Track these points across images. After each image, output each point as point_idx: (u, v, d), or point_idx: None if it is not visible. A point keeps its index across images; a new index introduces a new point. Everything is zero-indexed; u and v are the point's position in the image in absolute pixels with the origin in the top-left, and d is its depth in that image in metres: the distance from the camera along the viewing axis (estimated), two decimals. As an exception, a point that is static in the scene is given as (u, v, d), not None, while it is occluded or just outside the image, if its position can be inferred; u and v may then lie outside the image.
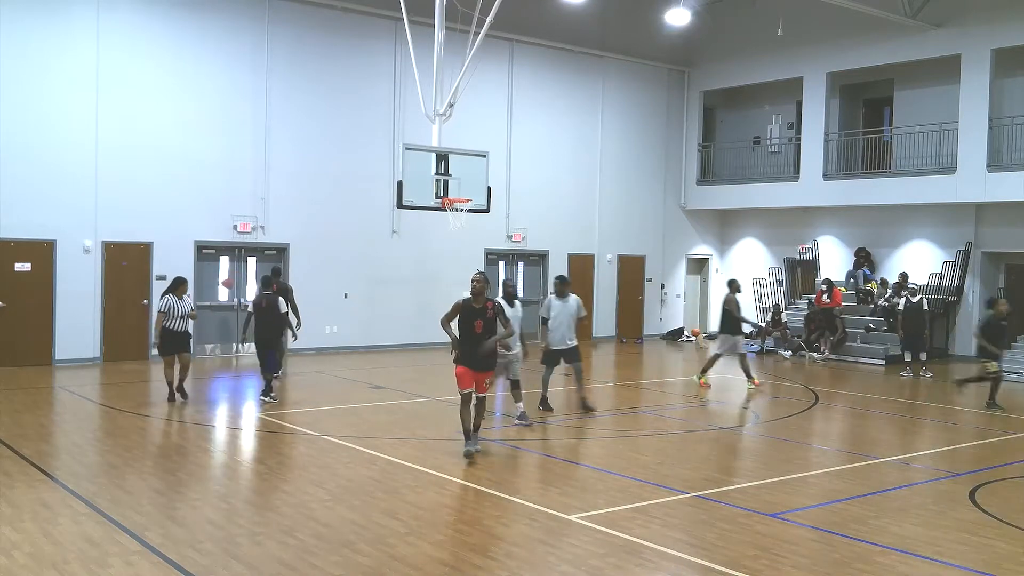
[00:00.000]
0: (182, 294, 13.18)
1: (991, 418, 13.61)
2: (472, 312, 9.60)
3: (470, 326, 9.54)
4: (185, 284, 13.37)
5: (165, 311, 13.03)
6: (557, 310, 12.59)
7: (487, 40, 15.92)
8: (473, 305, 9.63)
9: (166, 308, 13.04)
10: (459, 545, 6.93)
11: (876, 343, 20.73)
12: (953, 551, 7.06)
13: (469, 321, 9.55)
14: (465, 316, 9.59)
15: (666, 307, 25.60)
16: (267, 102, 18.80)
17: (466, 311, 9.62)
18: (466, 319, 9.57)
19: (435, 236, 19.86)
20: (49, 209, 16.54)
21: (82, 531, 7.06)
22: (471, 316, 9.57)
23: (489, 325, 9.59)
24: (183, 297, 13.19)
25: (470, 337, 9.55)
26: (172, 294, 13.11)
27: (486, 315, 9.60)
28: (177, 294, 13.12)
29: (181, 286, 13.21)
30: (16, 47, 16.21)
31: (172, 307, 13.05)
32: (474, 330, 9.53)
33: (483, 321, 9.55)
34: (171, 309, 13.04)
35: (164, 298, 13.18)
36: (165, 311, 13.03)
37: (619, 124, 24.27)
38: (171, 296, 13.10)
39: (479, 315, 9.59)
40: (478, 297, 9.67)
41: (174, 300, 13.05)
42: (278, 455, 10.13)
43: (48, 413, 12.59)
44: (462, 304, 9.66)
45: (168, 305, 13.06)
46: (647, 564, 6.64)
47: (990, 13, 19.50)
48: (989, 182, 19.44)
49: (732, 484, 9.05)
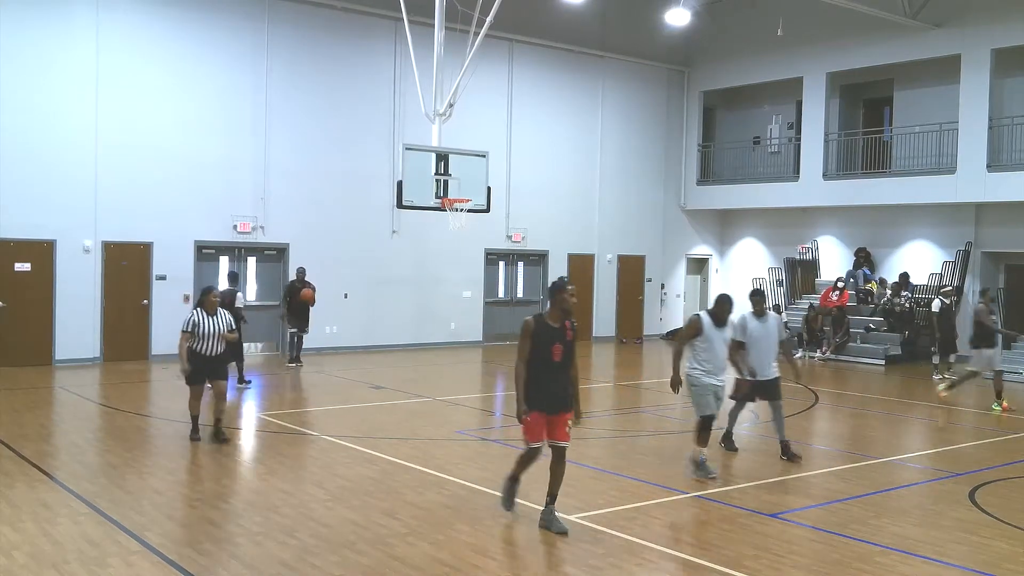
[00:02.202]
0: (212, 308, 10.51)
1: (991, 418, 13.61)
2: (549, 334, 7.32)
3: (546, 353, 7.31)
4: (212, 295, 10.63)
5: (189, 331, 10.39)
6: (756, 332, 10.10)
7: (487, 40, 15.94)
8: (550, 325, 7.36)
9: (190, 327, 10.39)
10: (459, 545, 6.92)
11: (876, 343, 20.73)
12: (953, 551, 7.06)
13: (545, 347, 7.30)
14: (540, 341, 7.30)
15: (666, 307, 25.60)
16: (267, 102, 18.80)
17: (541, 334, 7.31)
18: (541, 344, 7.30)
19: (435, 236, 19.87)
20: (49, 209, 16.53)
21: (82, 531, 7.06)
22: (548, 339, 7.31)
23: (569, 351, 7.41)
24: (216, 312, 10.53)
25: (546, 368, 7.32)
26: (200, 308, 10.55)
27: (565, 337, 7.39)
28: (206, 309, 10.48)
29: (208, 298, 10.55)
30: (16, 47, 16.21)
31: (198, 327, 10.39)
32: (551, 358, 7.31)
33: (563, 345, 7.36)
34: (197, 329, 10.38)
35: (189, 316, 10.60)
36: (189, 331, 10.39)
37: (619, 124, 24.27)
38: (198, 312, 10.51)
39: (558, 338, 7.34)
40: (562, 315, 7.42)
41: (201, 317, 10.43)
42: (278, 455, 10.13)
43: (48, 413, 12.59)
44: (534, 325, 7.34)
45: (192, 324, 10.40)
46: (647, 564, 6.65)
47: (990, 13, 19.49)
48: (989, 182, 19.44)
49: (732, 484, 9.05)
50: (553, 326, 7.34)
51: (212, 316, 10.42)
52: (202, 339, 10.35)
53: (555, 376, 7.33)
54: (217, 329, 10.41)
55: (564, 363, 7.37)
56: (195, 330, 10.35)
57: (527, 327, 7.34)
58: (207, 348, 10.40)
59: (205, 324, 10.38)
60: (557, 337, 7.32)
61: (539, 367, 7.30)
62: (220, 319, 10.48)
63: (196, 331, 10.34)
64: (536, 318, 7.39)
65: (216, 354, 10.47)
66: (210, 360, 10.46)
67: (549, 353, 7.29)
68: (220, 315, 10.50)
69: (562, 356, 7.34)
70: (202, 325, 10.36)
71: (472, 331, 21.84)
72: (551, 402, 7.33)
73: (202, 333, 10.34)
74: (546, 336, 7.31)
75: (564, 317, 7.38)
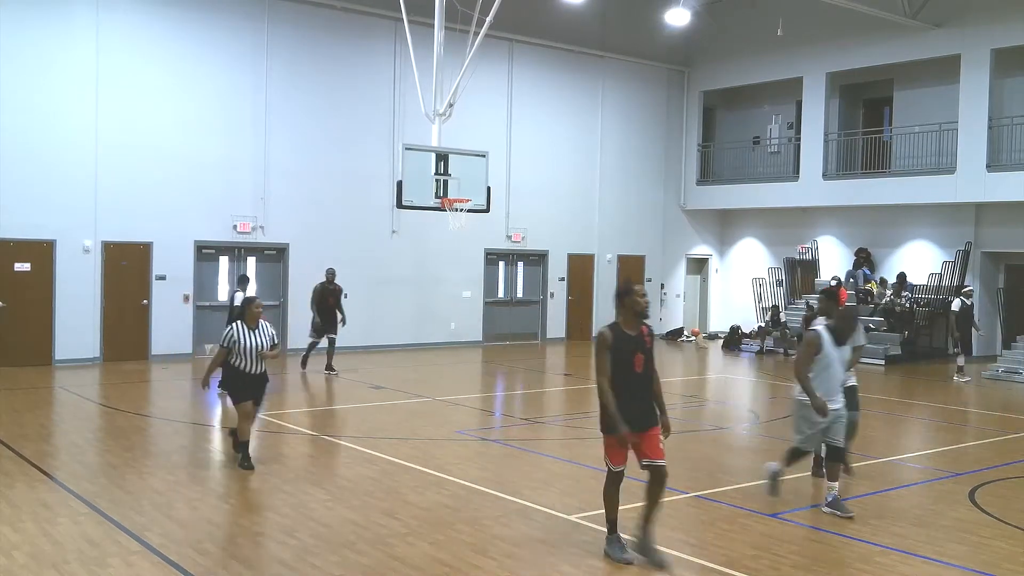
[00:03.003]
0: (255, 321, 9.32)
1: (992, 418, 13.61)
2: (628, 343, 6.60)
3: (627, 364, 6.57)
4: (256, 306, 9.44)
5: (227, 346, 9.27)
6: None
7: (487, 40, 15.93)
8: (627, 333, 6.63)
9: (229, 343, 9.25)
10: (459, 545, 6.92)
11: (876, 343, 20.72)
12: (953, 551, 7.06)
13: (625, 358, 6.58)
14: (619, 352, 6.57)
15: (666, 307, 25.59)
16: (267, 102, 18.80)
17: (620, 344, 6.59)
18: (621, 356, 6.57)
19: (435, 236, 19.86)
20: (49, 209, 16.53)
21: (82, 531, 7.06)
22: (627, 349, 6.58)
23: (650, 359, 6.70)
24: (258, 326, 9.34)
25: (628, 381, 6.58)
26: (240, 321, 9.37)
27: (645, 344, 6.68)
28: (247, 322, 9.31)
29: (251, 309, 9.38)
30: (16, 47, 16.20)
31: (238, 343, 9.21)
32: (632, 369, 6.58)
33: (643, 354, 6.64)
34: (236, 346, 9.22)
35: (228, 330, 9.41)
36: (227, 346, 9.27)
37: (619, 124, 24.26)
38: (238, 326, 9.30)
39: (638, 346, 6.62)
40: (637, 319, 6.68)
41: (240, 331, 9.23)
42: (278, 455, 10.13)
43: (48, 413, 12.59)
44: (611, 336, 6.59)
45: (232, 339, 9.23)
46: (647, 564, 6.64)
47: (990, 13, 19.49)
48: (989, 182, 19.43)
49: (732, 484, 9.05)
50: (630, 334, 6.62)
51: (254, 331, 9.27)
52: (242, 356, 9.23)
53: (638, 388, 6.62)
54: (258, 345, 9.25)
55: (646, 373, 6.65)
56: (234, 347, 9.23)
57: (603, 339, 6.60)
58: (248, 365, 9.26)
59: (245, 340, 9.19)
60: (637, 345, 6.61)
61: (620, 380, 6.55)
62: (262, 334, 9.30)
63: (235, 348, 9.23)
64: (612, 328, 6.64)
65: (258, 372, 9.35)
66: (252, 379, 9.36)
67: (630, 364, 6.56)
68: (262, 329, 9.32)
69: (644, 366, 6.62)
70: (242, 341, 9.18)
71: (472, 331, 21.84)
72: (638, 417, 6.55)
73: (242, 350, 9.20)
74: (625, 346, 6.58)
75: (639, 321, 6.66)
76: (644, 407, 6.64)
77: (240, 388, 9.38)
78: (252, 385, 9.39)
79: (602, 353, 6.58)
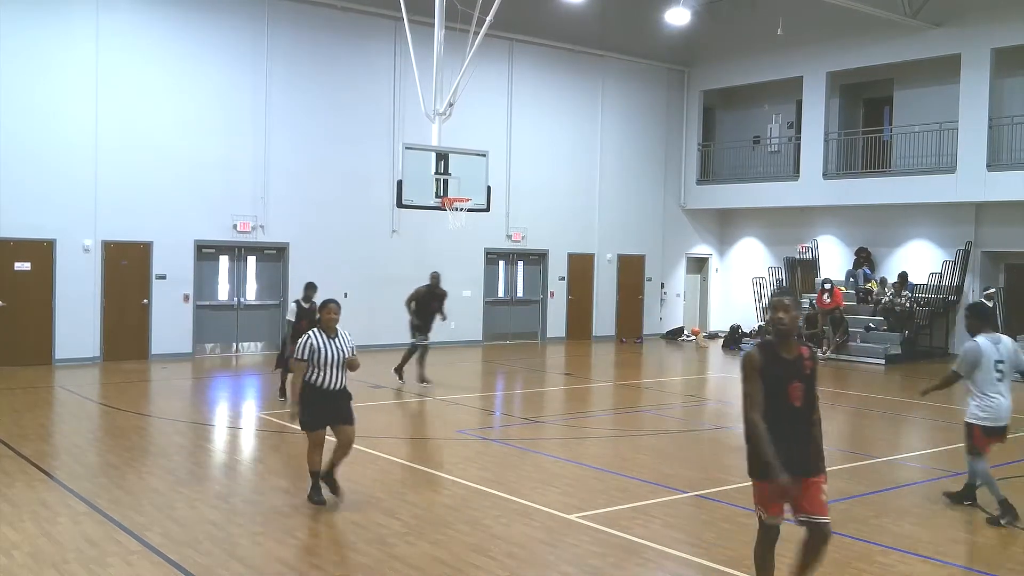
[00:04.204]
0: (332, 328, 7.97)
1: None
2: (782, 369, 5.30)
3: (780, 395, 5.27)
4: (332, 309, 8.02)
5: (305, 358, 7.86)
6: (988, 357, 7.66)
7: (487, 40, 15.93)
8: (782, 356, 5.32)
9: (306, 353, 7.85)
10: (459, 545, 6.92)
11: (876, 343, 20.73)
12: (953, 551, 7.06)
13: (778, 386, 5.27)
14: (771, 377, 5.27)
15: (666, 307, 25.59)
16: (267, 101, 18.80)
17: (772, 369, 5.28)
18: (772, 383, 5.27)
19: (435, 236, 19.85)
20: (49, 209, 16.53)
21: (82, 531, 7.06)
22: (781, 376, 5.29)
23: (811, 389, 5.36)
24: (337, 333, 7.99)
25: (782, 415, 5.27)
26: (316, 329, 8.01)
27: (804, 371, 5.34)
28: (325, 329, 7.96)
29: (327, 314, 8.01)
30: (16, 47, 16.20)
31: (318, 353, 7.86)
32: (787, 400, 5.28)
33: (802, 383, 5.31)
34: (316, 356, 7.85)
35: (305, 339, 7.94)
36: (305, 358, 7.86)
37: (619, 124, 24.26)
38: (316, 335, 7.93)
39: (794, 373, 5.32)
40: (788, 338, 5.35)
41: (320, 340, 7.88)
42: (278, 454, 10.13)
43: (48, 413, 12.59)
44: (760, 359, 5.31)
45: (311, 348, 7.85)
46: (647, 564, 6.65)
47: (990, 13, 19.49)
48: (989, 182, 19.44)
49: (732, 483, 9.05)
50: (785, 357, 5.30)
51: (332, 339, 7.94)
52: (321, 368, 7.85)
53: (796, 425, 5.29)
54: (340, 355, 7.91)
55: (806, 407, 5.32)
56: (314, 357, 7.84)
57: (751, 362, 5.31)
58: (328, 380, 7.87)
59: (326, 349, 7.84)
60: (794, 372, 5.30)
61: (773, 415, 5.25)
62: (342, 341, 7.97)
63: (315, 359, 7.84)
64: (762, 348, 5.37)
65: (339, 387, 7.97)
66: (332, 396, 7.92)
67: (785, 395, 5.26)
68: (342, 336, 8.00)
69: (803, 397, 5.31)
70: (322, 351, 7.83)
71: (472, 331, 21.84)
72: (795, 462, 5.25)
73: (322, 361, 7.83)
74: (778, 372, 5.27)
75: (795, 341, 5.36)
76: (802, 449, 5.31)
77: (318, 408, 7.90)
78: (333, 404, 7.94)
79: (752, 379, 5.29)
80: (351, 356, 8.01)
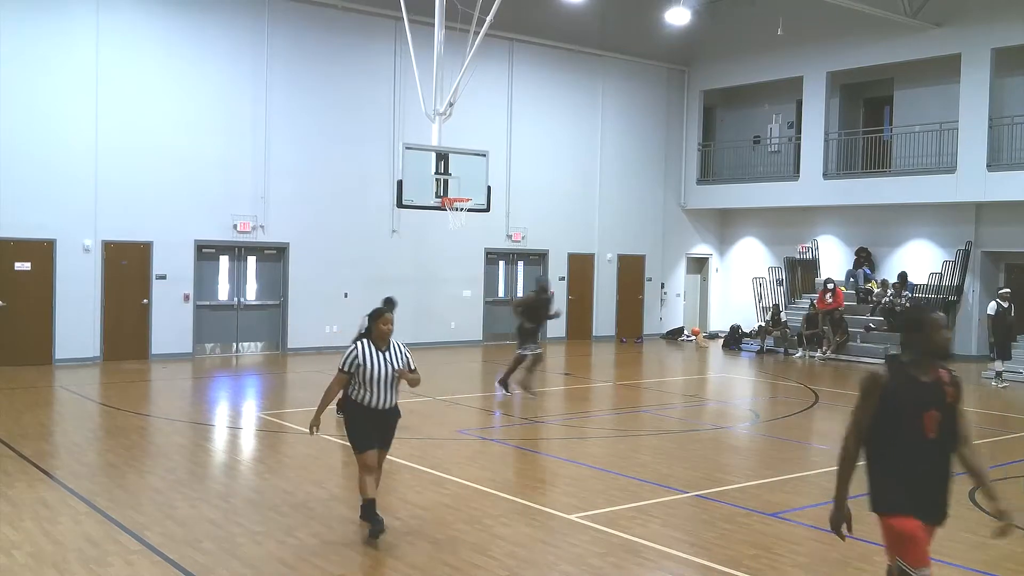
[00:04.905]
0: (385, 340, 7.08)
1: (991, 418, 13.62)
2: (915, 392, 4.49)
3: (914, 423, 4.47)
4: (386, 320, 7.15)
5: (350, 370, 6.99)
6: None
7: (487, 40, 15.93)
8: (918, 378, 4.52)
9: (350, 366, 6.98)
10: (459, 545, 6.92)
11: (876, 343, 20.73)
12: (953, 551, 7.06)
13: (912, 413, 4.47)
14: (901, 403, 4.47)
15: (666, 307, 25.60)
16: (267, 101, 18.80)
17: (903, 393, 4.48)
18: (904, 409, 4.47)
19: (435, 235, 19.86)
20: (49, 209, 16.53)
21: (82, 530, 7.06)
22: (915, 401, 4.48)
23: (952, 420, 4.54)
24: (390, 346, 7.11)
25: (913, 448, 4.49)
26: (366, 340, 7.12)
27: (943, 397, 4.53)
28: (375, 341, 7.07)
29: (379, 325, 7.10)
30: (16, 47, 16.20)
31: (364, 367, 6.95)
32: (920, 431, 4.47)
33: (940, 411, 4.50)
34: (362, 371, 6.95)
35: (351, 350, 7.07)
36: (350, 370, 6.99)
37: (619, 123, 24.26)
38: (364, 344, 7.06)
39: (931, 398, 4.51)
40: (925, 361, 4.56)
41: (368, 352, 7.00)
42: (278, 454, 10.14)
43: (48, 413, 12.59)
44: (890, 381, 4.51)
45: (354, 362, 6.97)
46: (647, 564, 6.65)
47: (990, 13, 19.49)
48: (989, 182, 19.44)
49: (732, 483, 9.05)
50: (923, 381, 4.50)
51: (383, 352, 7.04)
52: (369, 385, 6.94)
53: (929, 461, 4.47)
54: (391, 370, 6.99)
55: (943, 440, 4.50)
56: (360, 372, 6.93)
57: (873, 384, 4.52)
58: (376, 398, 6.98)
59: (374, 363, 6.94)
60: (930, 398, 4.48)
61: (901, 448, 4.47)
62: (395, 355, 7.09)
63: (361, 373, 6.93)
64: (892, 367, 4.56)
65: (389, 406, 7.08)
66: (383, 416, 7.08)
67: (918, 425, 4.44)
68: (394, 349, 7.12)
69: (939, 428, 4.47)
70: (370, 365, 6.92)
71: (472, 330, 21.84)
72: (926, 505, 4.48)
73: (369, 377, 6.92)
74: (912, 397, 4.46)
75: (935, 362, 4.56)
76: (938, 489, 4.52)
77: (363, 429, 7.03)
78: (380, 425, 7.09)
79: (866, 402, 4.51)
80: (410, 372, 7.12)
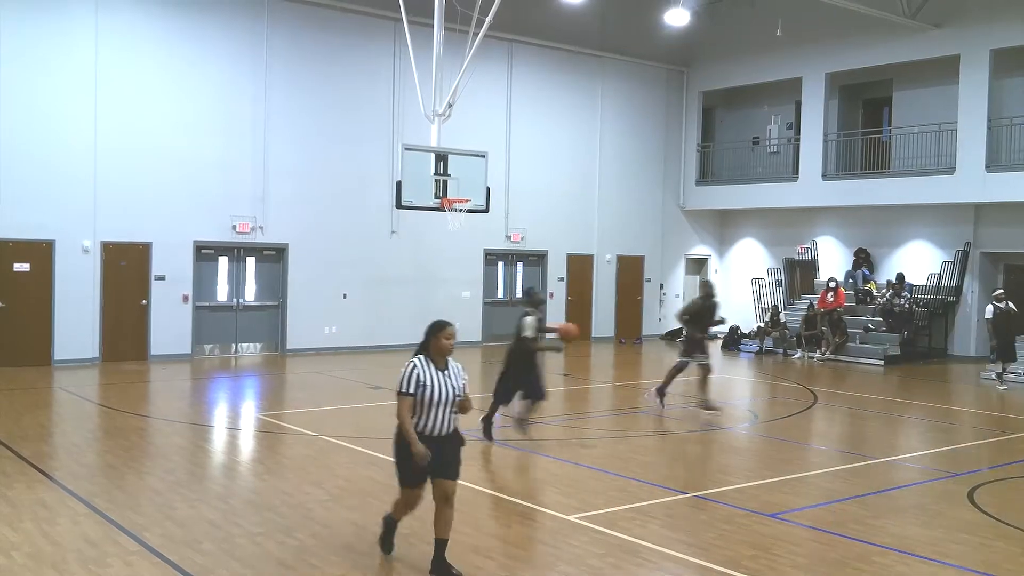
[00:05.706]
0: (444, 358, 6.32)
1: (990, 418, 13.62)
2: None
3: None
4: (447, 334, 6.32)
5: (412, 392, 6.17)
6: None
7: (486, 40, 15.92)
8: None
9: (413, 387, 6.17)
10: (459, 545, 6.92)
11: (875, 343, 20.74)
12: (952, 551, 7.07)
13: None
14: None
15: (665, 307, 25.58)
16: (266, 102, 18.79)
17: None
18: None
19: (434, 236, 19.85)
20: (48, 209, 16.52)
21: (81, 531, 7.06)
22: None
23: None
24: (448, 365, 6.35)
25: None
26: (423, 356, 6.29)
27: None
28: (434, 358, 6.29)
29: (440, 340, 6.29)
30: (16, 47, 16.18)
31: (427, 388, 6.18)
32: None
33: None
34: (425, 392, 6.17)
35: (411, 368, 6.23)
36: (412, 392, 6.17)
37: (618, 124, 24.26)
38: (422, 363, 6.26)
39: None
40: None
41: (429, 372, 6.23)
42: (277, 455, 10.13)
43: (47, 413, 12.58)
44: None
45: (417, 383, 6.17)
46: (646, 564, 6.65)
47: (989, 13, 19.51)
48: (988, 182, 19.45)
49: (731, 484, 9.05)
50: None
51: (442, 371, 6.28)
52: (426, 409, 6.20)
53: None
54: (451, 392, 6.25)
55: None
56: (420, 394, 6.18)
57: None
58: (433, 423, 6.24)
59: (435, 385, 6.20)
60: None
61: None
62: (454, 377, 6.33)
63: (424, 395, 6.19)
64: None
65: (447, 432, 6.32)
66: (438, 443, 6.26)
67: None
68: (452, 370, 6.35)
69: None
70: (432, 386, 6.19)
71: (471, 331, 21.83)
72: None
73: (428, 399, 6.18)
74: None
75: None
76: None
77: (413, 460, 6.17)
78: (438, 452, 6.23)
79: None
80: (463, 396, 6.35)
